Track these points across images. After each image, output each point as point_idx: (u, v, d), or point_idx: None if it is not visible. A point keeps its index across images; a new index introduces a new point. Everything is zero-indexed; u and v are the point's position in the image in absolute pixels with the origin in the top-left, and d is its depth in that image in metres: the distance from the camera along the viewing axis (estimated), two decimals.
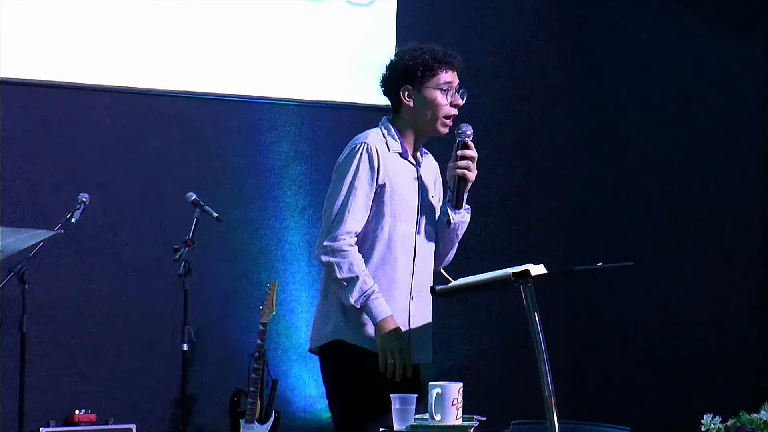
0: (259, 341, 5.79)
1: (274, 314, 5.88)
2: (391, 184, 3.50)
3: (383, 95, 3.64)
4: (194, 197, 5.70)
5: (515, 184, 6.81)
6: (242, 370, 5.83)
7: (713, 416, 2.91)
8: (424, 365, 3.60)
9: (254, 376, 5.76)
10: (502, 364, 6.39)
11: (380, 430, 3.19)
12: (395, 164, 3.53)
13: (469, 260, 3.70)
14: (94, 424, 5.69)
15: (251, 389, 5.75)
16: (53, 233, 4.21)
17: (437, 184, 3.69)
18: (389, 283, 3.48)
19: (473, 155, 3.54)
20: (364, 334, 3.45)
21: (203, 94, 6.14)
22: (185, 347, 5.52)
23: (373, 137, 3.53)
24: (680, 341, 6.12)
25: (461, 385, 3.05)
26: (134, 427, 5.69)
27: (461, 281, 3.31)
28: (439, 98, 3.54)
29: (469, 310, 6.26)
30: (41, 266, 5.46)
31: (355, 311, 3.43)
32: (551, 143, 6.90)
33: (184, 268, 5.45)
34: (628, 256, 3.62)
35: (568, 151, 6.87)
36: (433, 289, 3.42)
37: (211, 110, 6.19)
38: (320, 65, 6.33)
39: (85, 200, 5.36)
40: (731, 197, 5.97)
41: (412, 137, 3.59)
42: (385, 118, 3.62)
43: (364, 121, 3.99)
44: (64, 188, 5.69)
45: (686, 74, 6.26)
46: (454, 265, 3.68)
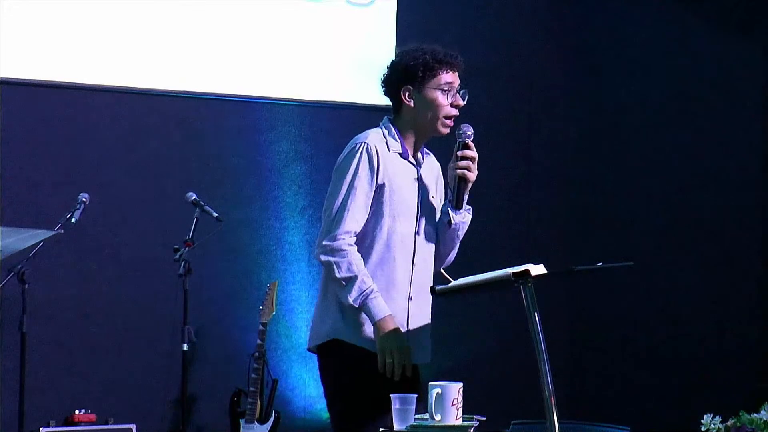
0: (259, 341, 5.80)
1: (274, 314, 5.88)
2: (390, 184, 3.49)
3: (384, 95, 3.63)
4: (194, 197, 5.70)
5: (515, 184, 6.81)
6: (242, 370, 5.83)
7: (713, 416, 2.91)
8: (423, 365, 3.59)
9: (254, 376, 5.76)
10: (502, 364, 6.38)
11: (380, 430, 3.19)
12: (395, 164, 3.53)
13: (469, 260, 3.70)
14: (94, 424, 5.69)
15: (251, 389, 5.76)
16: (53, 233, 4.20)
17: (439, 184, 3.68)
18: (388, 282, 3.48)
19: (473, 155, 3.54)
20: (362, 333, 3.45)
21: (203, 94, 6.15)
22: (185, 347, 5.52)
23: (373, 137, 3.53)
24: (680, 341, 6.11)
25: (461, 385, 3.05)
26: (134, 427, 5.69)
27: (461, 281, 3.31)
28: (439, 98, 3.53)
29: (469, 310, 6.26)
30: (41, 266, 5.46)
31: (353, 311, 3.43)
32: (551, 143, 6.89)
33: (184, 268, 5.45)
34: (628, 256, 3.62)
35: (568, 151, 6.87)
36: (433, 289, 3.42)
37: (211, 110, 6.19)
38: (320, 65, 6.33)
39: (85, 200, 5.36)
40: (731, 197, 5.96)
41: (412, 137, 3.59)
42: (386, 118, 3.61)
43: (364, 121, 3.99)
44: (64, 188, 5.69)
45: (686, 74, 6.25)
46: (454, 265, 3.68)
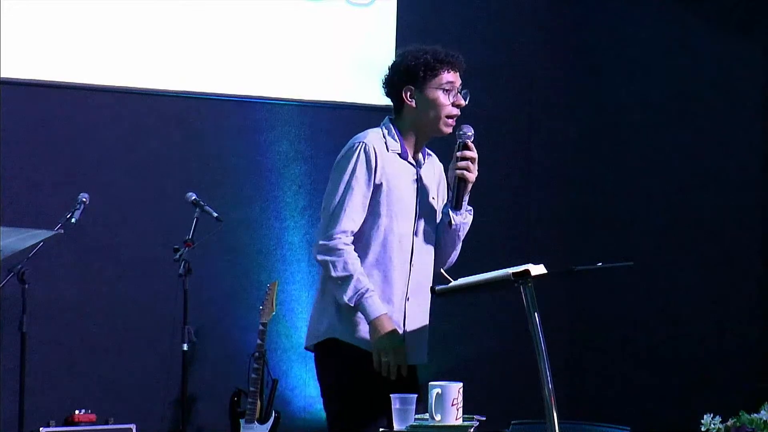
0: (259, 341, 5.80)
1: (274, 314, 5.88)
2: (388, 184, 3.49)
3: (385, 96, 3.63)
4: (194, 197, 5.69)
5: (515, 184, 6.81)
6: (242, 370, 5.83)
7: (713, 416, 2.91)
8: (421, 366, 3.59)
9: (254, 376, 5.76)
10: (502, 364, 6.38)
11: (380, 430, 3.18)
12: (394, 164, 3.52)
13: (469, 260, 3.70)
14: (94, 424, 5.69)
15: (251, 389, 5.76)
16: (53, 233, 4.21)
17: (441, 185, 3.67)
18: (384, 282, 3.48)
19: (473, 156, 3.54)
20: (358, 333, 3.44)
21: (203, 94, 6.15)
22: (185, 347, 5.52)
23: (371, 137, 3.52)
24: (680, 341, 6.11)
25: (461, 385, 3.05)
26: (134, 427, 5.69)
27: (461, 281, 3.30)
28: (441, 98, 3.53)
29: (469, 310, 6.26)
30: (41, 266, 5.46)
31: (350, 310, 3.42)
32: (551, 143, 6.89)
33: (184, 268, 5.45)
34: (628, 256, 3.62)
35: (568, 151, 6.87)
36: (433, 289, 3.42)
37: (211, 110, 6.19)
38: (320, 65, 6.33)
39: (85, 200, 5.36)
40: (731, 197, 5.96)
41: (413, 138, 3.58)
42: (387, 118, 3.61)
43: (364, 121, 3.99)
44: (64, 188, 5.69)
45: (686, 74, 6.25)
46: (454, 265, 3.68)
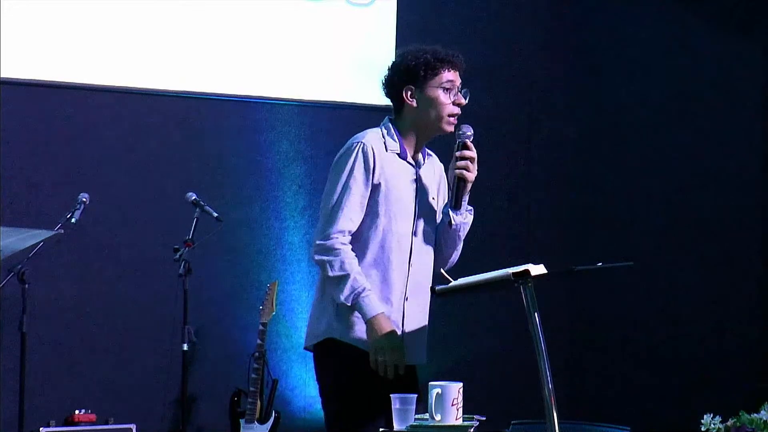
0: (259, 341, 5.79)
1: (274, 314, 5.88)
2: (386, 184, 3.49)
3: (386, 97, 3.63)
4: (194, 197, 5.69)
5: (515, 184, 6.81)
6: (242, 370, 5.83)
7: (713, 416, 2.91)
8: (421, 366, 3.59)
9: (254, 376, 5.76)
10: (502, 364, 6.38)
11: (380, 430, 3.18)
12: (393, 164, 3.52)
13: (469, 260, 3.70)
14: (94, 424, 5.69)
15: (251, 389, 5.76)
16: (53, 233, 4.21)
17: (441, 186, 3.66)
18: (382, 282, 3.48)
19: (472, 155, 3.53)
20: (356, 333, 3.44)
21: (203, 94, 6.15)
22: (185, 347, 5.52)
23: (370, 137, 3.52)
24: (680, 341, 6.11)
25: (461, 385, 3.05)
26: (134, 427, 5.69)
27: (461, 281, 3.30)
28: (441, 97, 3.53)
29: (469, 310, 6.26)
30: (41, 266, 5.46)
31: (348, 310, 3.42)
32: (551, 143, 6.89)
33: (184, 268, 5.45)
34: (628, 256, 3.62)
35: (568, 151, 6.87)
36: (433, 289, 3.42)
37: (211, 110, 6.19)
38: (320, 65, 6.33)
39: (85, 200, 5.36)
40: (731, 197, 5.96)
41: (413, 138, 3.58)
42: (387, 118, 3.61)
43: (364, 121, 3.99)
44: (64, 188, 5.69)
45: (686, 74, 6.25)
46: (454, 265, 3.67)
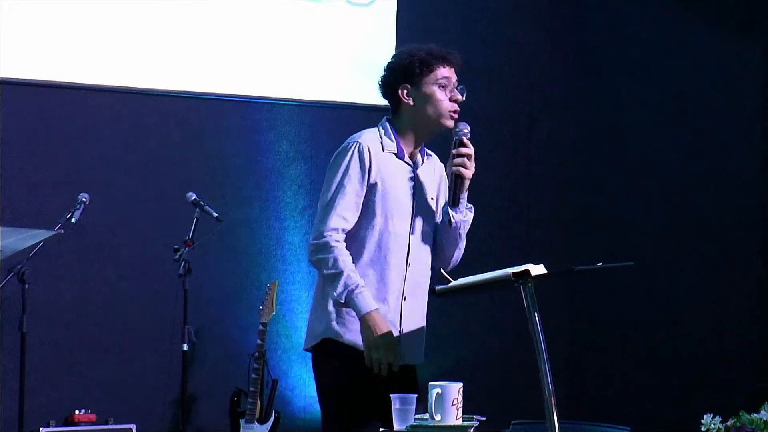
0: (259, 341, 5.80)
1: (274, 314, 5.88)
2: (383, 183, 3.48)
3: (383, 98, 3.62)
4: (194, 197, 5.69)
5: (515, 184, 6.81)
6: (242, 370, 5.83)
7: (713, 416, 2.91)
8: (421, 366, 3.58)
9: (254, 376, 5.76)
10: (502, 364, 6.38)
11: (381, 430, 3.18)
12: (389, 164, 3.51)
13: (469, 260, 3.70)
14: (94, 424, 5.69)
15: (251, 389, 5.76)
16: (53, 233, 4.20)
17: (442, 185, 3.65)
18: (380, 282, 3.47)
19: (469, 152, 3.52)
20: (354, 333, 3.43)
21: (203, 94, 6.15)
22: (185, 347, 5.52)
23: (366, 136, 3.52)
24: (680, 341, 6.11)
25: (461, 385, 3.05)
26: (134, 427, 5.69)
27: (461, 281, 3.29)
28: (437, 93, 3.52)
29: (469, 310, 6.26)
30: (41, 266, 5.46)
31: (346, 310, 3.42)
32: (551, 143, 6.89)
33: (184, 268, 5.45)
34: (628, 256, 3.62)
35: (568, 151, 6.87)
36: (433, 289, 3.41)
37: (211, 110, 6.19)
38: (320, 65, 6.33)
39: (85, 200, 5.36)
40: (731, 197, 5.96)
41: (411, 137, 3.57)
42: (384, 118, 3.60)
43: (364, 121, 3.98)
44: (64, 188, 5.69)
45: (686, 74, 6.25)
46: (457, 264, 3.67)
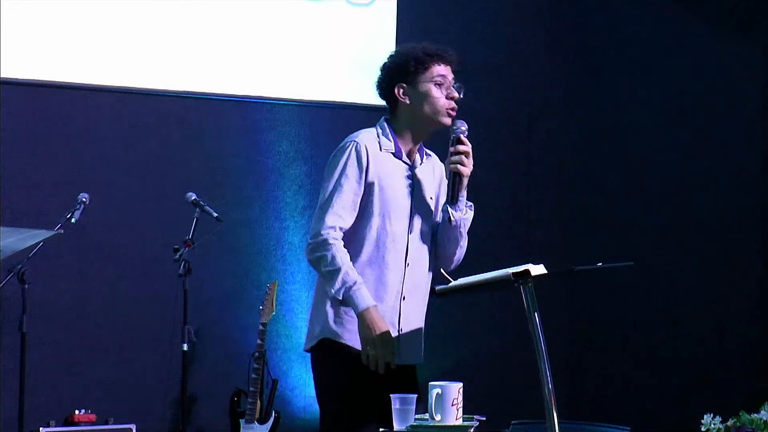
0: (259, 341, 5.80)
1: (274, 314, 5.88)
2: (380, 182, 3.47)
3: (380, 98, 3.62)
4: (194, 197, 5.69)
5: (515, 184, 6.81)
6: (242, 370, 5.83)
7: (713, 416, 2.91)
8: (421, 366, 3.58)
9: (254, 376, 5.76)
10: (502, 364, 6.38)
11: (380, 430, 3.18)
12: (387, 164, 3.51)
13: (469, 260, 3.70)
14: (94, 424, 5.69)
15: (251, 389, 5.76)
16: (53, 233, 4.20)
17: (442, 184, 3.64)
18: (378, 281, 3.46)
19: (466, 150, 3.51)
20: (351, 333, 3.42)
21: (203, 94, 6.15)
22: (185, 347, 5.52)
23: (364, 136, 3.52)
24: (680, 341, 6.11)
25: (461, 385, 3.05)
26: (134, 427, 5.69)
27: (461, 281, 3.29)
28: (433, 91, 3.51)
29: (469, 310, 6.26)
30: (41, 266, 5.46)
31: (344, 310, 3.41)
32: (551, 143, 6.89)
33: (184, 268, 5.45)
34: (628, 256, 3.62)
35: (568, 151, 6.87)
36: (433, 289, 3.41)
37: (211, 110, 6.20)
38: (320, 65, 6.33)
39: (85, 200, 5.36)
40: (731, 197, 5.97)
41: (409, 137, 3.57)
42: (383, 118, 3.60)
43: (364, 121, 3.98)
44: (64, 188, 5.69)
45: (686, 74, 6.26)
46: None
